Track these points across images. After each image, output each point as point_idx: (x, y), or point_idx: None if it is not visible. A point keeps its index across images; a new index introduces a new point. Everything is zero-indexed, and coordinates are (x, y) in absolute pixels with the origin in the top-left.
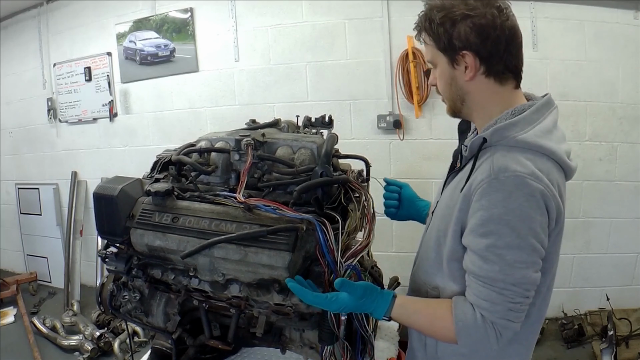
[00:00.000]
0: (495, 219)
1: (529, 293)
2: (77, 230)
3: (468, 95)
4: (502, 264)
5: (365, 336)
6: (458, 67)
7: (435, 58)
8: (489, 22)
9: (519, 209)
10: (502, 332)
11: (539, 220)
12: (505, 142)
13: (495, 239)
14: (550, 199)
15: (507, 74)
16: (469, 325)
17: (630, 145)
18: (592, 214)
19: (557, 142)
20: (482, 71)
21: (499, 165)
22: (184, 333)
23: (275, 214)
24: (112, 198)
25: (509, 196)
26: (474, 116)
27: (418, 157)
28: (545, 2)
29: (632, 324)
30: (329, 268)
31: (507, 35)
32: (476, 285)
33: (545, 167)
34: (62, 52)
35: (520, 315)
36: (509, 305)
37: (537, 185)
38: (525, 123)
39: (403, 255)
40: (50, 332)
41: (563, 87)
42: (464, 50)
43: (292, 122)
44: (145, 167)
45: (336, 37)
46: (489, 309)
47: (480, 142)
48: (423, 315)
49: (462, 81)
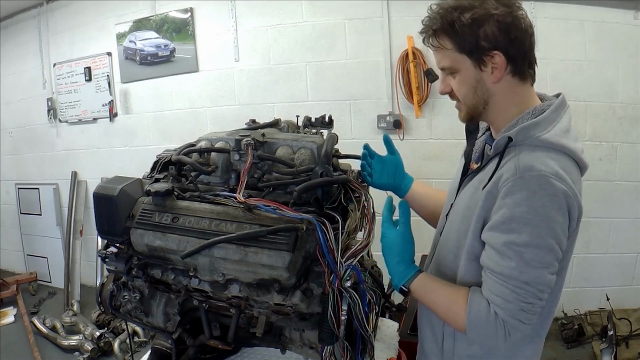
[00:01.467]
0: (517, 217)
1: (542, 295)
2: (77, 230)
3: (492, 97)
4: (519, 261)
5: (365, 336)
6: (485, 68)
7: (456, 63)
8: (514, 21)
9: (541, 208)
10: (512, 331)
11: (559, 222)
12: (529, 142)
13: (515, 237)
14: (573, 199)
15: (529, 72)
16: (481, 318)
17: (630, 145)
18: (592, 214)
19: (574, 140)
20: (508, 70)
21: (525, 164)
22: (184, 333)
23: (275, 214)
24: (112, 198)
25: (532, 195)
26: (492, 118)
27: (418, 157)
28: (545, 2)
29: (632, 324)
30: (329, 268)
31: (529, 32)
32: (491, 280)
33: (567, 166)
34: (62, 52)
35: (532, 317)
36: (521, 304)
37: (560, 186)
38: (546, 123)
39: None
40: (50, 332)
41: (563, 87)
42: (493, 51)
43: (292, 122)
44: (145, 167)
45: (336, 37)
46: (501, 306)
47: (506, 141)
48: (442, 296)
49: (489, 83)
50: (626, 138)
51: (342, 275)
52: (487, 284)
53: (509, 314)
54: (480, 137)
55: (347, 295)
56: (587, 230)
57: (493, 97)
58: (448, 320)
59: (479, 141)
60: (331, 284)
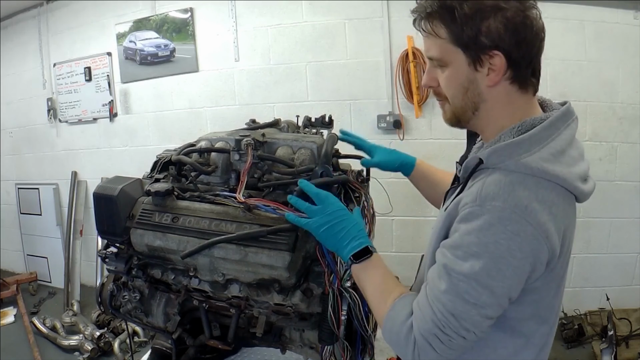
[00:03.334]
0: (464, 246)
1: (466, 334)
2: (77, 230)
3: (484, 103)
4: (451, 287)
5: (365, 336)
6: (481, 69)
7: (447, 55)
8: (525, 20)
9: (493, 244)
10: (421, 353)
11: (513, 265)
12: (504, 166)
13: (457, 264)
14: (540, 241)
15: (531, 81)
16: (396, 321)
17: (630, 145)
18: (592, 214)
19: (569, 164)
20: (507, 76)
21: (488, 192)
22: (184, 333)
23: (275, 214)
24: (112, 198)
25: (487, 228)
26: (482, 126)
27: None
28: (545, 2)
29: (632, 324)
30: (329, 268)
31: (540, 37)
32: (423, 292)
33: (549, 198)
34: (62, 52)
35: (447, 349)
36: (436, 330)
37: (525, 225)
38: (531, 143)
39: (403, 255)
40: (50, 332)
41: (563, 87)
42: (494, 50)
43: (292, 122)
44: (145, 167)
45: (336, 37)
46: (417, 321)
47: (476, 164)
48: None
49: (483, 86)
50: (626, 138)
51: (342, 275)
52: (420, 295)
53: (422, 333)
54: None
55: (347, 295)
56: (587, 230)
57: (485, 103)
58: (375, 315)
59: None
60: (331, 284)
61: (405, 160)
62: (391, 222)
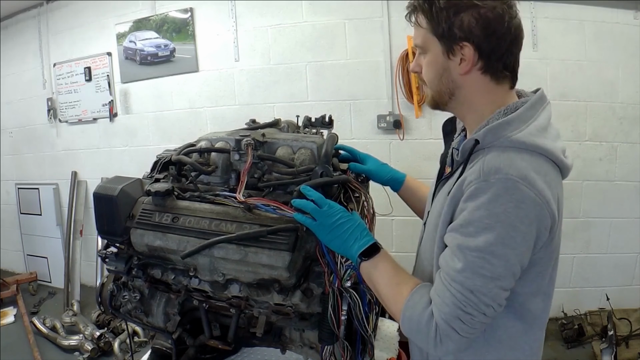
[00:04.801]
0: (475, 221)
1: (486, 309)
2: (77, 230)
3: (459, 89)
4: (467, 265)
5: (365, 336)
6: (454, 58)
7: (427, 43)
8: (497, 17)
9: (503, 214)
10: (443, 339)
11: (523, 231)
12: (498, 143)
13: (470, 241)
14: (543, 207)
15: (504, 73)
16: (415, 311)
17: (630, 145)
18: (592, 214)
19: (553, 139)
20: (479, 66)
21: (490, 167)
22: (184, 333)
23: (275, 214)
24: (112, 198)
25: (495, 199)
26: (463, 113)
27: (418, 157)
28: (545, 2)
29: (632, 324)
30: (329, 268)
31: (512, 34)
32: (438, 279)
33: (543, 168)
34: (62, 52)
35: (469, 329)
36: (457, 312)
37: (528, 192)
38: (519, 121)
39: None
40: (50, 332)
41: (563, 87)
42: (464, 42)
43: (292, 122)
44: (145, 167)
45: (336, 37)
46: (438, 307)
47: (472, 145)
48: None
49: (456, 74)
50: (626, 138)
51: (342, 275)
52: (435, 283)
53: (444, 317)
54: (455, 139)
55: (347, 295)
56: (587, 230)
57: (460, 90)
58: (389, 309)
59: (454, 143)
60: (331, 284)
61: (395, 175)
62: (391, 222)
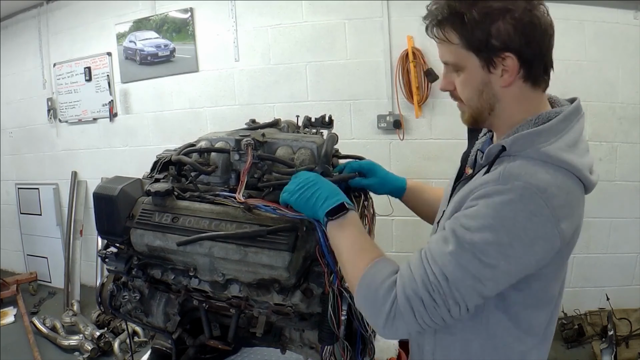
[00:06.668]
0: (481, 218)
1: (453, 306)
2: (77, 230)
3: (499, 102)
4: (455, 253)
5: (365, 336)
6: (494, 70)
7: (462, 60)
8: (534, 19)
9: (511, 220)
10: (397, 316)
11: (525, 244)
12: (525, 154)
13: (467, 234)
14: (554, 226)
15: (544, 78)
16: (373, 284)
17: (630, 145)
18: (592, 214)
19: (581, 155)
20: (520, 75)
21: (512, 172)
22: (184, 333)
23: (275, 214)
24: (112, 198)
25: (508, 203)
26: (497, 124)
27: (418, 157)
28: (545, 2)
29: (632, 324)
30: (329, 268)
31: (549, 33)
32: (417, 255)
33: (566, 185)
34: (62, 52)
35: (427, 318)
36: (424, 292)
37: (544, 207)
38: (550, 133)
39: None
40: (50, 332)
41: (563, 87)
42: (505, 52)
43: (292, 122)
44: (145, 167)
45: (336, 37)
46: (404, 280)
47: (499, 151)
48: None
49: (497, 87)
50: (626, 138)
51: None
52: (413, 257)
53: (407, 293)
54: (480, 140)
55: (347, 295)
56: (587, 230)
57: (500, 103)
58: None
59: (477, 143)
60: (331, 284)
61: (395, 186)
62: (391, 222)
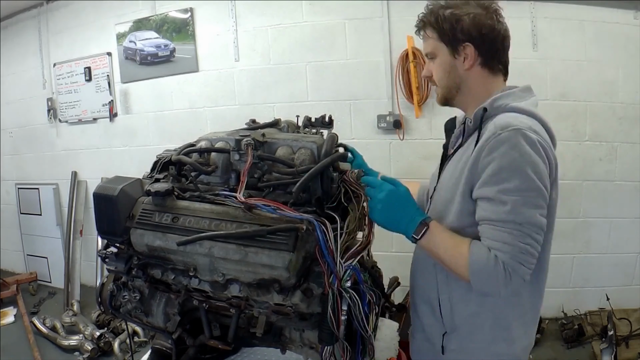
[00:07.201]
0: (506, 167)
1: (537, 236)
2: (77, 230)
3: (464, 82)
4: (512, 204)
5: (365, 336)
6: (458, 57)
7: (436, 49)
8: (488, 21)
9: (526, 154)
10: (512, 274)
11: (542, 168)
12: (502, 109)
13: (507, 184)
14: (548, 149)
15: (499, 67)
16: (481, 262)
17: (630, 145)
18: (592, 214)
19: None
20: (479, 62)
21: (502, 123)
22: (184, 333)
23: (275, 213)
24: (112, 198)
25: (515, 146)
26: (467, 103)
27: (418, 157)
28: (545, 2)
29: (632, 324)
30: (329, 268)
31: (502, 35)
32: (488, 228)
33: (539, 128)
34: (62, 52)
35: (530, 259)
36: (519, 245)
37: (535, 137)
38: (517, 96)
39: (403, 255)
40: (50, 332)
41: (563, 87)
42: (466, 42)
43: (292, 122)
44: (145, 167)
45: (336, 37)
46: (501, 249)
47: (482, 112)
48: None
49: (461, 70)
50: (626, 138)
51: (342, 276)
52: (486, 234)
53: (509, 255)
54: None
55: (347, 295)
56: (587, 230)
57: (465, 83)
58: (455, 270)
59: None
60: (331, 284)
61: None
62: None
